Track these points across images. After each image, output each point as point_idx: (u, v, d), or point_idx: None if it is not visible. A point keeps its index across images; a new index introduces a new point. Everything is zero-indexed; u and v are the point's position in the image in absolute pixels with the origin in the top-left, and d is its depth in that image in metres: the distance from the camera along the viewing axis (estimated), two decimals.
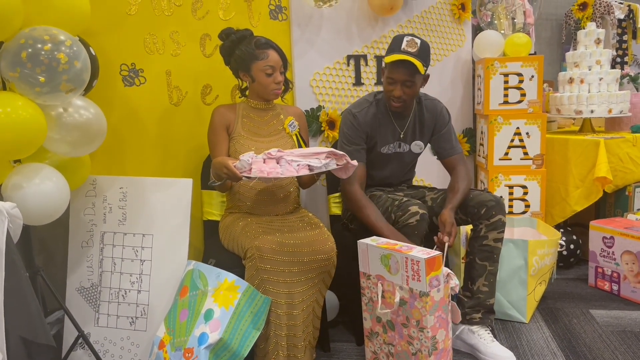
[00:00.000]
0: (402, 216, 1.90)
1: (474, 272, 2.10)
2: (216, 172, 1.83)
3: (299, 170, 1.70)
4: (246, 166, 1.67)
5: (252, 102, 2.12)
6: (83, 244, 2.01)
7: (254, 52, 2.00)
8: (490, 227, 2.06)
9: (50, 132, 1.65)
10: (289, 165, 1.68)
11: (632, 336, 2.18)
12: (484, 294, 2.09)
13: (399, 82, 2.05)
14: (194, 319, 1.69)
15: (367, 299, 1.91)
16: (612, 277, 2.63)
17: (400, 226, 1.88)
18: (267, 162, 1.69)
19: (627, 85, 3.65)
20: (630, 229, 2.56)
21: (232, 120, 2.08)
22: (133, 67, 2.15)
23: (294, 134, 2.15)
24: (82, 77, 1.63)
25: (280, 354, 1.80)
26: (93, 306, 1.99)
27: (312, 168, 1.71)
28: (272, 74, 2.02)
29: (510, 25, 3.07)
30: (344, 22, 2.62)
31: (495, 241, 2.07)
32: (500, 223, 2.06)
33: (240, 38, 2.03)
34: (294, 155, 1.72)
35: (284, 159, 1.69)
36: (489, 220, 2.05)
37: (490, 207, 2.05)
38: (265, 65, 2.00)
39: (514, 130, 2.93)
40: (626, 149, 2.94)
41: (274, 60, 2.01)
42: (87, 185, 2.02)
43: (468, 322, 2.09)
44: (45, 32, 1.54)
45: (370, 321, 1.91)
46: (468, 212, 2.10)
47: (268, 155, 1.69)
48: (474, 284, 2.10)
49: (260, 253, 1.77)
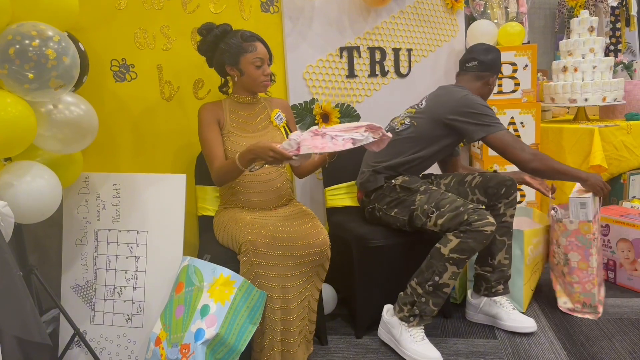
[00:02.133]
0: (477, 220, 1.89)
1: (494, 248, 2.19)
2: (259, 157, 1.74)
3: (345, 145, 1.68)
4: (294, 145, 1.66)
5: (238, 97, 2.09)
6: (77, 242, 2.00)
7: (241, 45, 1.98)
8: (508, 204, 2.17)
9: (41, 129, 1.63)
10: (335, 139, 1.68)
11: (629, 323, 2.18)
12: (506, 266, 2.21)
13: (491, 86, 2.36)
14: (190, 315, 1.68)
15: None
16: (608, 265, 2.64)
17: (473, 229, 1.88)
18: (314, 138, 1.68)
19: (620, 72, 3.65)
20: (626, 216, 2.56)
21: (221, 115, 2.05)
22: (124, 62, 2.13)
23: (282, 126, 2.13)
24: (72, 73, 1.61)
25: (275, 349, 1.79)
26: (88, 304, 1.98)
27: (354, 141, 1.69)
28: (261, 65, 2.00)
29: (503, 15, 3.06)
30: (336, 13, 2.60)
31: (511, 217, 2.20)
32: (515, 200, 2.20)
33: (223, 32, 2.01)
34: (337, 131, 1.70)
35: (328, 135, 1.69)
36: (508, 199, 2.17)
37: (509, 186, 2.16)
38: (254, 58, 1.98)
39: (509, 119, 2.93)
40: (621, 136, 2.94)
41: (262, 52, 2.00)
42: (80, 182, 2.01)
43: (494, 294, 2.22)
44: (33, 28, 1.52)
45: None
46: (488, 193, 2.17)
47: (314, 132, 1.69)
48: (494, 258, 2.19)
49: (255, 248, 1.76)
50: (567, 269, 2.31)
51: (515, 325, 2.15)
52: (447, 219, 1.94)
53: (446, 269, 1.92)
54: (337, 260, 1.95)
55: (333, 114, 2.59)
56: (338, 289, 2.38)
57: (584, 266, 2.27)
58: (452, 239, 1.91)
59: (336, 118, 2.59)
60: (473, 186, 2.19)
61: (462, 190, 2.21)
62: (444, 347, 2.07)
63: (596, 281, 2.26)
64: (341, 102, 2.63)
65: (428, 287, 1.94)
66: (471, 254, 1.91)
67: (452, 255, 1.90)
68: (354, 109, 2.66)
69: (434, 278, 1.93)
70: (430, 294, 1.95)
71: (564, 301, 2.36)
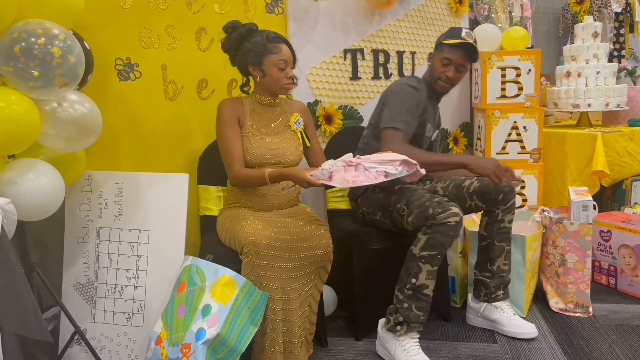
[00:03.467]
0: (441, 213, 1.87)
1: (493, 254, 2.19)
2: (293, 180, 1.78)
3: (377, 177, 1.70)
4: (326, 174, 1.67)
5: (259, 98, 2.06)
6: (79, 240, 2.00)
7: (266, 46, 1.95)
8: (506, 210, 2.15)
9: (45, 127, 1.64)
10: (367, 172, 1.69)
11: (630, 330, 2.18)
12: (505, 272, 2.21)
13: (454, 65, 2.17)
14: (191, 315, 1.69)
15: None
16: (610, 271, 2.63)
17: (438, 223, 1.87)
18: (346, 169, 1.69)
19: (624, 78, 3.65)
20: (628, 222, 2.56)
21: (242, 113, 2.02)
22: (128, 61, 2.14)
23: (299, 131, 2.12)
24: (77, 72, 1.62)
25: (276, 350, 1.79)
26: (89, 302, 1.98)
27: (387, 175, 1.71)
28: (285, 68, 1.97)
29: (507, 19, 3.06)
30: (341, 15, 2.60)
31: (509, 222, 2.18)
32: (513, 206, 2.18)
33: (248, 31, 1.98)
34: (371, 162, 1.72)
35: (362, 166, 1.70)
36: (506, 205, 2.15)
37: (507, 192, 2.13)
38: (278, 60, 1.96)
39: (511, 124, 2.93)
40: (623, 142, 2.93)
41: (287, 54, 1.98)
42: (83, 180, 2.01)
43: (493, 300, 2.21)
44: (39, 26, 1.52)
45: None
46: (485, 199, 2.15)
47: (348, 163, 1.70)
48: (494, 264, 2.19)
49: (257, 249, 1.76)
50: (563, 269, 2.33)
51: (516, 331, 2.14)
52: (415, 216, 1.95)
53: (420, 269, 1.90)
54: (337, 261, 1.95)
55: (336, 116, 2.59)
56: (338, 290, 2.38)
57: (580, 267, 2.31)
58: (421, 237, 1.91)
59: (339, 120, 2.59)
60: (471, 192, 2.17)
61: (460, 196, 2.19)
62: (444, 351, 2.07)
63: (589, 282, 2.32)
64: (344, 104, 2.63)
65: (407, 291, 1.93)
66: (442, 249, 1.89)
67: (422, 253, 1.89)
68: (357, 111, 2.67)
69: (411, 281, 1.92)
70: (411, 298, 1.93)
71: (555, 301, 2.39)
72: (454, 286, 2.47)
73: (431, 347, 2.09)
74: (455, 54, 2.16)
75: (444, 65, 2.18)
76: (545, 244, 2.44)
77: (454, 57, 2.16)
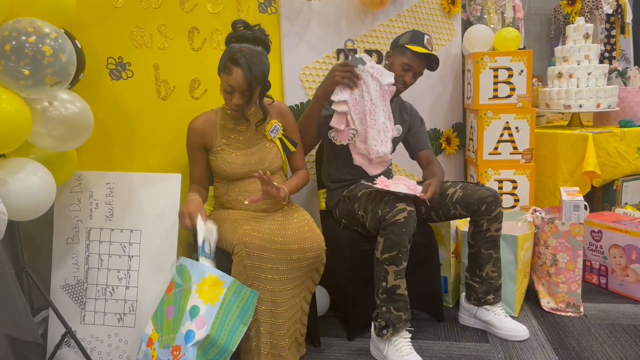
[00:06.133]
0: (389, 213, 1.88)
1: (480, 261, 2.18)
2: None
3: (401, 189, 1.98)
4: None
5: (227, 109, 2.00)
6: (68, 241, 1.98)
7: (225, 62, 1.85)
8: (491, 220, 2.12)
9: (36, 126, 1.62)
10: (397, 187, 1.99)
11: (620, 329, 2.19)
12: (494, 278, 2.19)
13: (413, 72, 2.23)
14: (180, 316, 1.67)
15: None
16: (600, 271, 2.65)
17: (388, 222, 1.88)
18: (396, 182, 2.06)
19: (615, 80, 3.66)
20: (618, 222, 2.58)
21: (211, 134, 1.98)
22: (120, 60, 2.12)
23: (277, 138, 2.07)
24: (68, 71, 1.61)
25: (263, 351, 1.78)
26: (79, 303, 1.96)
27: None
28: (231, 92, 1.87)
29: (499, 20, 3.07)
30: (334, 15, 2.60)
31: (496, 231, 2.15)
32: (499, 215, 2.13)
33: (239, 36, 1.87)
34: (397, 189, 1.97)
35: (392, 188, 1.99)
36: (490, 215, 2.11)
37: (490, 203, 2.08)
38: (224, 82, 1.87)
39: (504, 124, 2.94)
40: (614, 143, 2.95)
41: (236, 81, 1.82)
42: (73, 181, 2.00)
43: (482, 304, 2.21)
44: (30, 24, 1.51)
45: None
46: (469, 209, 2.11)
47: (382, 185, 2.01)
48: (482, 270, 2.19)
49: (248, 249, 1.75)
50: (554, 269, 2.35)
51: (507, 334, 2.14)
52: (370, 221, 1.99)
53: (387, 272, 1.91)
54: (329, 261, 1.95)
55: None
56: (330, 290, 2.38)
57: (571, 267, 2.32)
58: (380, 239, 1.93)
59: None
60: (454, 201, 2.12)
61: (444, 204, 2.15)
62: (436, 350, 2.07)
63: (580, 282, 2.33)
64: None
65: (382, 296, 1.94)
66: (400, 247, 1.88)
67: (384, 256, 1.90)
68: None
69: (382, 285, 1.93)
70: (387, 301, 1.93)
71: (547, 301, 2.40)
72: (447, 286, 2.47)
73: (423, 346, 2.10)
74: (418, 62, 2.22)
75: (404, 70, 2.22)
76: (537, 243, 2.45)
77: (416, 64, 2.22)
